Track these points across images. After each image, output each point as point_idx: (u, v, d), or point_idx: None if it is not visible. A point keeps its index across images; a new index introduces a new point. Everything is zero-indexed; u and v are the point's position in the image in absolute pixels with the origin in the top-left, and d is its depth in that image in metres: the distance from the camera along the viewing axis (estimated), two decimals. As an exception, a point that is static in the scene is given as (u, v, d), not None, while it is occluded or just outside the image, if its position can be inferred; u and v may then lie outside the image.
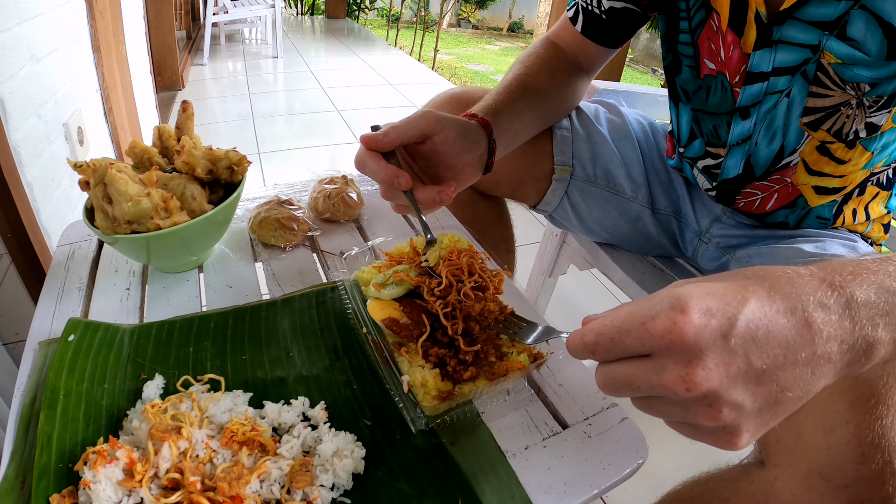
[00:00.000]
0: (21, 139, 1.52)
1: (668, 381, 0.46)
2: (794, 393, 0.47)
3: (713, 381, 0.45)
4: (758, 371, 0.46)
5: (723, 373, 0.45)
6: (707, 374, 0.45)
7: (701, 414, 0.46)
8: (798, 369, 0.46)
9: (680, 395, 0.46)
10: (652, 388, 0.47)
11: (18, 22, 1.58)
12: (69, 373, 0.80)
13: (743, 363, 0.46)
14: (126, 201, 0.86)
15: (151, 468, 0.64)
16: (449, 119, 0.89)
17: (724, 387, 0.45)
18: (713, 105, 1.07)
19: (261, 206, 1.13)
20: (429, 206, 0.86)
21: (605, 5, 1.15)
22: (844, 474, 0.64)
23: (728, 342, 0.45)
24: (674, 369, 0.46)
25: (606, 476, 0.72)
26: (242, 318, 0.93)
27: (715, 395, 0.45)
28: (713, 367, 0.45)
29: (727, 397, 0.45)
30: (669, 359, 0.46)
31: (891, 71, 0.86)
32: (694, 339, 0.45)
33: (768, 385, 0.46)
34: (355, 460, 0.69)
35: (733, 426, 0.47)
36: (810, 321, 0.47)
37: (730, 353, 0.45)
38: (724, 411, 0.46)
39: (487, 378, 0.75)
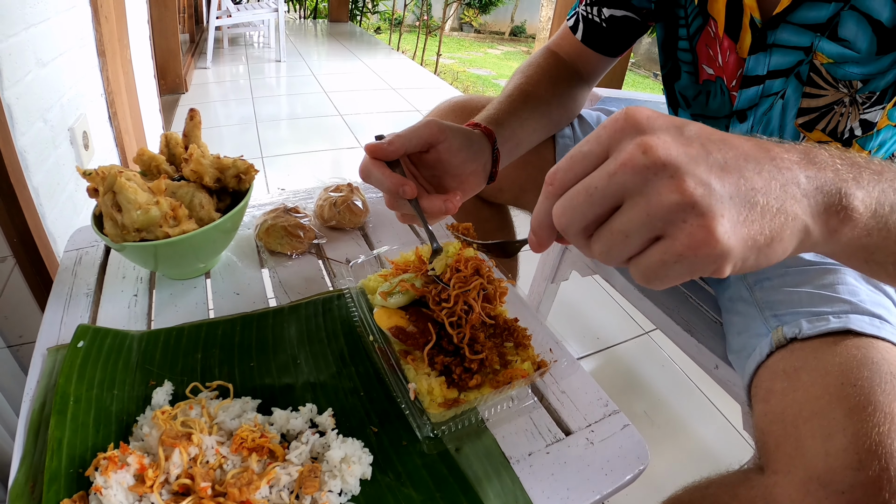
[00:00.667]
0: (27, 144, 1.53)
1: (626, 155, 0.45)
2: (766, 199, 0.45)
3: (671, 149, 0.44)
4: (718, 160, 0.45)
5: (680, 147, 0.44)
6: (663, 142, 0.44)
7: (664, 189, 0.43)
8: (763, 174, 0.45)
9: (638, 165, 0.44)
10: (609, 178, 0.46)
11: (25, 27, 1.59)
12: (79, 379, 0.81)
13: (700, 148, 0.45)
14: (135, 209, 0.87)
15: (162, 474, 0.65)
16: (453, 128, 0.90)
17: (682, 160, 0.44)
18: (713, 109, 1.08)
19: (267, 213, 1.14)
20: (435, 215, 0.86)
21: (605, 14, 1.16)
22: (842, 481, 0.65)
23: (682, 131, 0.46)
24: (631, 143, 0.45)
25: (608, 482, 0.73)
26: (250, 326, 0.94)
27: (675, 166, 0.43)
28: (670, 140, 0.45)
29: (689, 168, 0.44)
30: (626, 140, 0.46)
31: (881, 66, 0.87)
32: (647, 120, 0.46)
33: (734, 175, 0.45)
34: (363, 466, 0.70)
35: (704, 206, 0.43)
36: (767, 146, 0.48)
37: (685, 137, 0.45)
38: (689, 182, 0.43)
39: (492, 386, 0.76)
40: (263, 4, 6.69)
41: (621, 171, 0.45)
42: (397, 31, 9.72)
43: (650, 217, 0.44)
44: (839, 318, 0.86)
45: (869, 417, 0.68)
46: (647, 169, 0.44)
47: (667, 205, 0.43)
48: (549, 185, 0.51)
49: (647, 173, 0.44)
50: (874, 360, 0.77)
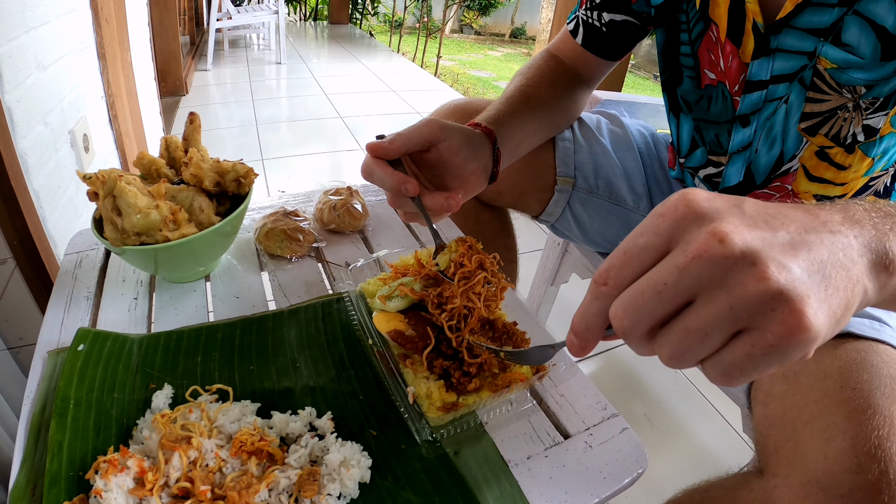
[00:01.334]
0: (28, 147, 1.53)
1: (698, 246, 0.41)
2: (835, 270, 0.42)
3: (745, 235, 0.41)
4: (787, 238, 0.42)
5: (752, 231, 0.41)
6: (735, 228, 0.41)
7: (749, 279, 0.40)
8: (825, 244, 0.43)
9: (715, 257, 0.41)
10: (681, 272, 0.42)
11: (25, 31, 1.60)
12: (79, 382, 0.81)
13: (766, 228, 0.42)
14: (135, 213, 0.87)
15: (162, 477, 0.65)
16: (453, 127, 0.91)
17: (759, 244, 0.41)
18: (715, 114, 1.08)
19: (267, 216, 1.15)
20: (437, 212, 0.87)
21: (605, 18, 1.16)
22: (841, 484, 0.65)
23: (743, 211, 0.43)
24: (699, 232, 0.42)
25: (607, 485, 0.73)
26: (250, 329, 0.94)
27: (753, 251, 0.40)
28: (738, 223, 0.42)
29: (768, 254, 0.40)
30: (692, 229, 0.43)
31: (885, 72, 0.87)
32: (710, 204, 0.43)
33: (803, 251, 0.42)
34: (362, 469, 0.70)
35: (790, 290, 0.39)
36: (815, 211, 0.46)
37: (748, 217, 0.43)
38: (772, 268, 0.40)
39: (491, 389, 0.76)
40: (264, 6, 6.71)
41: (695, 264, 0.41)
42: (397, 33, 9.73)
43: (734, 310, 0.40)
44: None
45: (868, 421, 0.68)
46: (726, 259, 0.41)
47: (752, 296, 0.40)
48: (601, 284, 0.47)
49: (727, 264, 0.41)
50: (874, 364, 0.77)
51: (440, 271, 0.84)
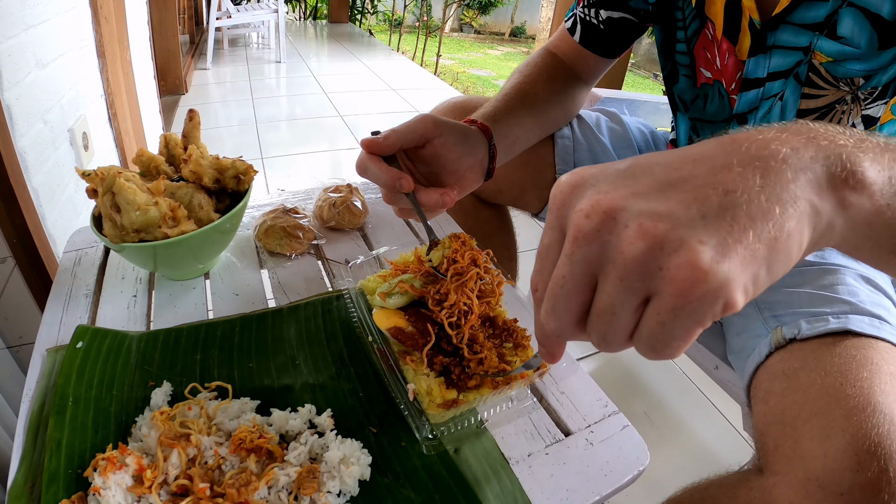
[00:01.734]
0: (27, 145, 1.53)
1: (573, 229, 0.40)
2: (748, 195, 0.37)
3: (612, 197, 0.39)
4: (673, 180, 0.39)
5: (621, 189, 0.39)
6: (602, 193, 0.40)
7: (623, 243, 0.38)
8: (734, 169, 0.38)
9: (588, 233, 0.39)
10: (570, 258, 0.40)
11: (24, 28, 1.59)
12: (78, 379, 0.81)
13: (646, 178, 0.40)
14: (134, 210, 0.87)
15: (161, 474, 0.65)
16: (448, 123, 0.90)
17: (628, 200, 0.39)
18: (711, 113, 1.08)
19: (266, 214, 1.14)
20: (432, 208, 0.87)
21: (602, 15, 1.16)
22: (841, 482, 0.65)
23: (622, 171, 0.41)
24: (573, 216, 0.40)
25: (608, 483, 0.72)
26: (249, 326, 0.94)
27: (622, 211, 0.38)
28: (608, 188, 0.40)
29: (639, 207, 0.38)
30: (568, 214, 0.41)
31: (883, 61, 0.87)
32: (582, 178, 0.42)
33: (697, 190, 0.38)
34: (362, 467, 0.70)
35: (673, 239, 0.36)
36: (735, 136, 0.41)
37: (626, 175, 0.41)
38: (646, 223, 0.37)
39: (491, 386, 0.76)
40: (263, 5, 6.71)
41: (577, 247, 0.40)
42: (397, 32, 9.72)
43: (625, 281, 0.38)
44: (838, 318, 0.86)
45: (868, 418, 0.68)
46: (598, 231, 0.39)
47: (635, 259, 0.38)
48: (533, 291, 0.46)
49: (598, 235, 0.39)
50: (873, 361, 0.77)
51: (433, 268, 0.84)
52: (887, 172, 0.42)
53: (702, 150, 0.41)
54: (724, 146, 0.40)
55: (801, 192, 0.39)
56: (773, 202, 0.38)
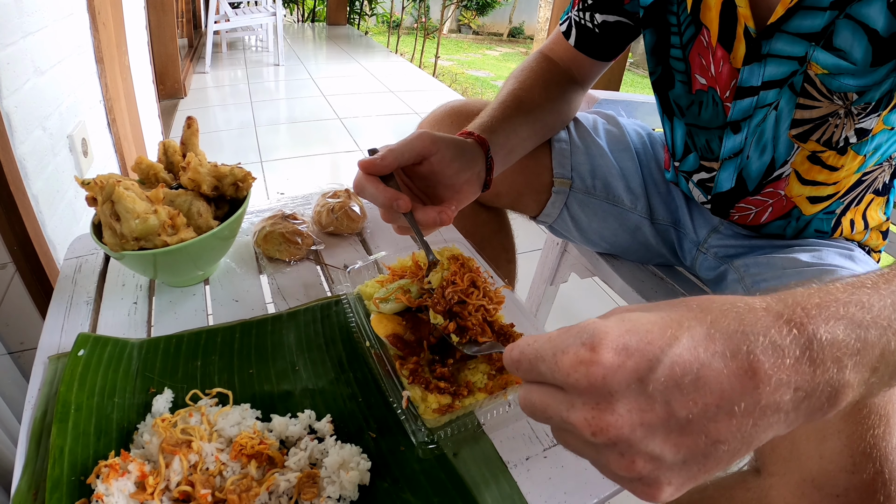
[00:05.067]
0: (26, 152, 1.53)
1: (576, 420, 0.42)
2: (730, 446, 0.41)
3: (623, 429, 0.40)
4: (681, 421, 0.40)
5: (636, 420, 0.41)
6: (616, 419, 0.41)
7: (613, 462, 0.42)
8: (734, 420, 0.40)
9: (587, 440, 0.42)
10: (563, 422, 0.43)
11: (23, 36, 1.60)
12: (80, 387, 0.81)
13: (662, 411, 0.40)
14: (134, 218, 0.87)
15: (163, 481, 0.66)
16: (445, 139, 0.90)
17: (637, 436, 0.41)
18: (705, 120, 1.08)
19: (265, 220, 1.15)
20: (429, 226, 0.87)
21: (597, 19, 1.16)
22: (836, 483, 0.66)
23: (645, 386, 0.41)
24: (581, 409, 0.42)
25: (606, 485, 0.73)
26: (249, 332, 0.94)
27: (626, 444, 0.41)
28: (624, 413, 0.41)
29: (641, 447, 0.41)
30: (578, 397, 0.42)
31: (877, 77, 0.87)
32: (603, 380, 0.41)
33: (695, 437, 0.40)
34: (361, 472, 0.70)
35: (650, 479, 0.42)
36: (755, 367, 0.40)
37: (647, 398, 0.41)
38: (639, 462, 0.41)
39: (486, 391, 0.76)
40: (261, 8, 6.72)
41: (571, 427, 0.43)
42: (395, 34, 9.72)
43: (598, 461, 0.44)
44: None
45: (864, 420, 0.69)
46: (598, 444, 0.42)
47: (615, 471, 0.43)
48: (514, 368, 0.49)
49: (598, 444, 0.42)
50: None
51: (433, 290, 0.84)
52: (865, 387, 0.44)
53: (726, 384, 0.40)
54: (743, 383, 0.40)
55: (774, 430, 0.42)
56: (745, 445, 0.42)
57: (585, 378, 0.41)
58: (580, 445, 0.45)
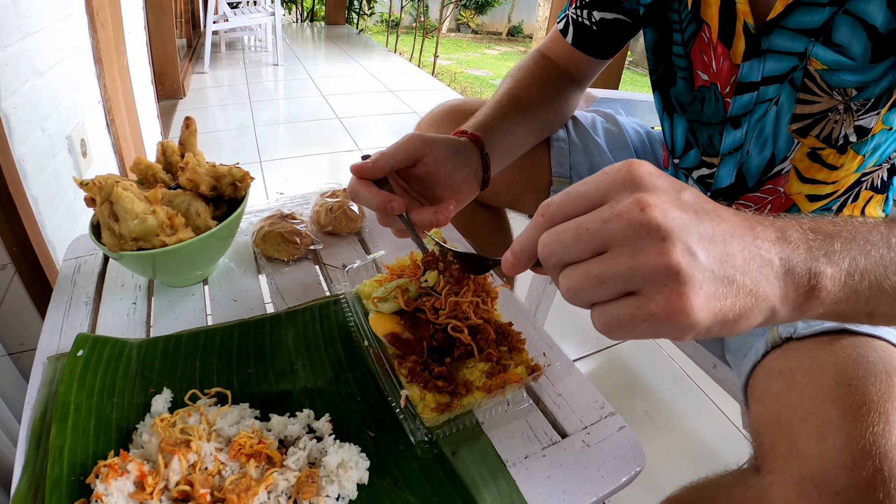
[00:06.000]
0: (25, 153, 1.53)
1: (623, 207, 0.45)
2: (743, 278, 0.46)
3: (667, 212, 0.45)
4: (708, 231, 0.46)
5: (676, 212, 0.45)
6: (661, 202, 0.45)
7: (653, 250, 0.44)
8: (745, 253, 0.47)
9: (633, 221, 0.45)
10: (602, 224, 0.46)
11: (21, 37, 1.60)
12: (79, 387, 0.82)
13: (694, 216, 0.46)
14: (132, 219, 0.87)
15: (162, 481, 0.66)
16: (437, 139, 0.90)
17: (676, 223, 0.45)
18: (707, 115, 1.07)
19: (264, 220, 1.15)
20: (426, 227, 0.86)
21: (595, 17, 1.16)
22: (836, 481, 0.66)
23: (679, 195, 0.47)
24: (630, 197, 0.46)
25: (605, 484, 0.73)
26: (248, 332, 0.94)
27: (668, 229, 0.44)
28: (667, 202, 0.45)
29: (680, 235, 0.44)
30: (625, 192, 0.47)
31: (876, 74, 0.87)
32: (648, 177, 0.47)
33: (719, 248, 0.46)
34: (360, 471, 0.71)
35: (686, 274, 0.44)
36: (753, 223, 0.49)
37: (682, 202, 0.46)
38: (677, 249, 0.44)
39: (485, 390, 0.76)
40: (260, 8, 6.72)
41: (615, 220, 0.45)
42: (394, 33, 9.72)
43: (631, 271, 0.45)
44: None
45: (863, 417, 0.69)
46: (641, 226, 0.44)
47: (651, 265, 0.44)
48: (540, 215, 0.52)
49: (640, 230, 0.44)
50: (869, 359, 0.77)
51: (430, 288, 0.84)
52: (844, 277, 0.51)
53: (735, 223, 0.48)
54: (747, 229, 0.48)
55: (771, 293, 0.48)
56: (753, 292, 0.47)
57: (635, 174, 0.47)
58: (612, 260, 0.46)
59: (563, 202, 0.50)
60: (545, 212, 0.51)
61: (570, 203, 0.50)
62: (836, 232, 0.53)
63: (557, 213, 0.51)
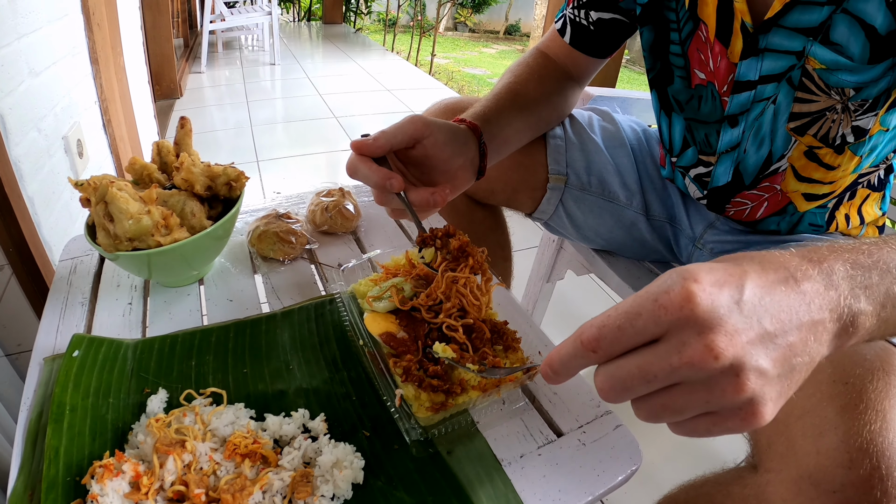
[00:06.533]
0: (21, 154, 1.53)
1: (693, 354, 0.44)
2: (803, 358, 0.47)
3: (737, 347, 0.44)
4: (771, 335, 0.46)
5: (743, 338, 0.44)
6: (730, 339, 0.44)
7: (729, 388, 0.44)
8: (802, 333, 0.47)
9: (707, 368, 0.44)
10: (672, 371, 0.45)
11: (17, 37, 1.60)
12: (74, 388, 0.81)
13: (758, 327, 0.45)
14: (127, 219, 0.87)
15: (157, 481, 0.66)
16: (437, 122, 0.91)
17: (747, 352, 0.44)
18: (704, 114, 1.08)
19: (259, 219, 1.15)
20: (423, 207, 0.87)
21: (592, 17, 1.16)
22: (833, 479, 0.66)
23: (742, 308, 0.45)
24: (697, 340, 0.44)
25: (601, 483, 0.73)
26: (243, 332, 0.94)
27: (740, 364, 0.44)
28: (734, 333, 0.44)
29: (752, 363, 0.44)
30: (689, 331, 0.44)
31: (874, 74, 0.87)
32: (711, 306, 0.44)
33: (783, 349, 0.46)
34: (355, 471, 0.70)
35: (759, 396, 0.45)
36: (803, 289, 0.48)
37: (745, 318, 0.45)
38: (751, 379, 0.44)
39: (479, 389, 0.76)
40: (257, 7, 6.71)
41: (687, 368, 0.44)
42: (391, 32, 9.72)
43: (709, 404, 0.46)
44: None
45: (860, 415, 0.68)
46: (715, 370, 0.44)
47: (729, 399, 0.45)
48: (590, 350, 0.49)
49: (714, 373, 0.44)
50: (867, 357, 0.77)
51: (426, 263, 0.84)
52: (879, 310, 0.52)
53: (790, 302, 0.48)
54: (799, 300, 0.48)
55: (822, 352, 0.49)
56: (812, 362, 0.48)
57: (698, 307, 0.44)
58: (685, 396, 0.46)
59: (616, 338, 0.48)
60: (596, 347, 0.48)
61: (626, 338, 0.47)
62: (874, 263, 0.53)
63: (612, 350, 0.48)
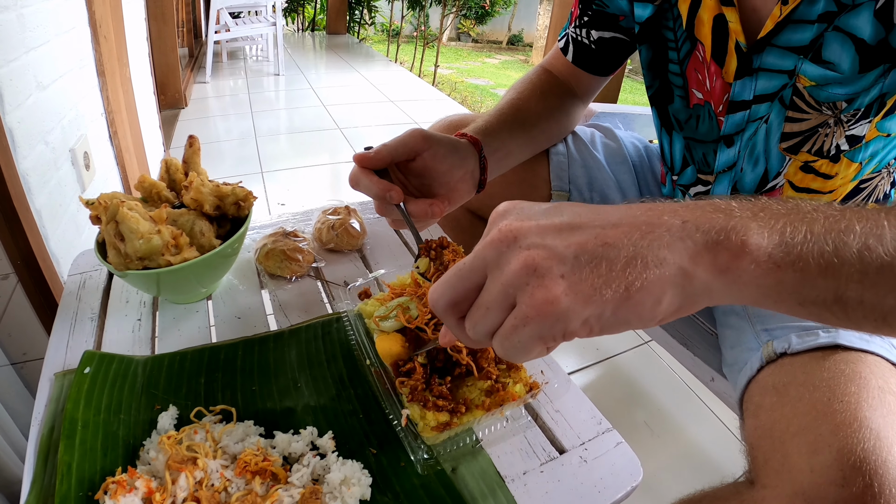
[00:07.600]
0: (29, 167, 1.55)
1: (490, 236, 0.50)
2: (617, 252, 0.47)
3: (528, 227, 0.49)
4: (573, 224, 0.49)
5: (533, 222, 0.50)
6: (522, 222, 0.50)
7: (512, 258, 0.48)
8: (622, 227, 0.48)
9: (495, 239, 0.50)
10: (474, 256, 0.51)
11: (25, 51, 1.62)
12: (86, 404, 0.83)
13: (557, 218, 0.50)
14: (137, 239, 0.89)
15: (169, 497, 0.67)
16: (438, 136, 0.94)
17: (534, 229, 0.49)
18: (702, 133, 1.09)
19: (266, 237, 1.17)
20: (421, 218, 0.89)
21: (594, 36, 1.18)
22: (827, 497, 0.66)
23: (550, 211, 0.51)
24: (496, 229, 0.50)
25: (601, 499, 0.74)
26: (251, 350, 0.95)
27: (525, 236, 0.48)
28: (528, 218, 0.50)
29: (537, 238, 0.48)
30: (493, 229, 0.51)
31: (865, 84, 0.87)
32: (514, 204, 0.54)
33: (584, 234, 0.48)
34: (362, 487, 0.72)
35: (544, 267, 0.47)
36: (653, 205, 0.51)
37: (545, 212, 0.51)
38: (533, 249, 0.47)
39: (484, 408, 0.78)
40: (262, 18, 6.74)
41: (484, 249, 0.50)
42: (395, 42, 9.74)
43: (504, 287, 0.48)
44: (828, 332, 0.87)
45: (854, 433, 0.69)
46: (502, 242, 0.49)
47: (514, 272, 0.47)
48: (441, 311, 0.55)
49: (502, 246, 0.49)
50: (862, 375, 0.78)
51: (421, 274, 0.86)
52: (778, 237, 0.47)
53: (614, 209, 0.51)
54: (632, 210, 0.50)
55: (672, 256, 0.47)
56: (638, 259, 0.46)
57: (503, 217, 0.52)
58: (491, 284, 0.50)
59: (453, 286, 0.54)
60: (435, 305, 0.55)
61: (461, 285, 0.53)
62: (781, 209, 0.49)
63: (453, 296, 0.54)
